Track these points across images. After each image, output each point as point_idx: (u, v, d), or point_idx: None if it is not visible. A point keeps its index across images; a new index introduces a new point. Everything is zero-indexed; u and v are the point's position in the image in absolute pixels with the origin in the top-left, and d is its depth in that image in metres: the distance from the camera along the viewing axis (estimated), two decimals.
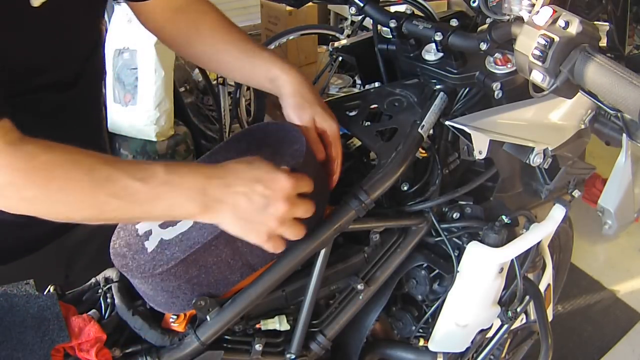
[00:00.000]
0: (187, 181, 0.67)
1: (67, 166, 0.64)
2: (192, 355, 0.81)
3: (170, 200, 0.67)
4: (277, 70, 0.89)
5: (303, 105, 0.87)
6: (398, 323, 1.11)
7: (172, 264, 0.75)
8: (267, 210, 0.70)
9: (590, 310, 2.17)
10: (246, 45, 0.92)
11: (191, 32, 0.93)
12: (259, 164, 0.72)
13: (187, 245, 0.76)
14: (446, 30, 0.88)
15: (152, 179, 0.66)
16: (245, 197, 0.69)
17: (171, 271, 0.75)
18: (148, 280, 0.76)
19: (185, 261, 0.75)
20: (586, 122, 0.97)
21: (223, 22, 0.94)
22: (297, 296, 0.90)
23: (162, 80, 2.07)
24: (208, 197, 0.68)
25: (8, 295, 0.76)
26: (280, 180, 0.70)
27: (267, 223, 0.71)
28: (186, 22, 0.93)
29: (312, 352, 0.93)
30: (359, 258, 0.96)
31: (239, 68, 0.93)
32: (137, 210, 0.67)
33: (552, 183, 0.99)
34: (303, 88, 0.89)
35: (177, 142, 2.18)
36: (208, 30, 0.93)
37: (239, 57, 0.92)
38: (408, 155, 0.88)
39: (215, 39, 0.93)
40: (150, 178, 0.65)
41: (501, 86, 0.87)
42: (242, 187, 0.69)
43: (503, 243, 0.95)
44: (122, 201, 0.65)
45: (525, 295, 1.11)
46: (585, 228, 2.00)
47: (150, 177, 0.66)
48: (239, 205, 0.69)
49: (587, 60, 0.67)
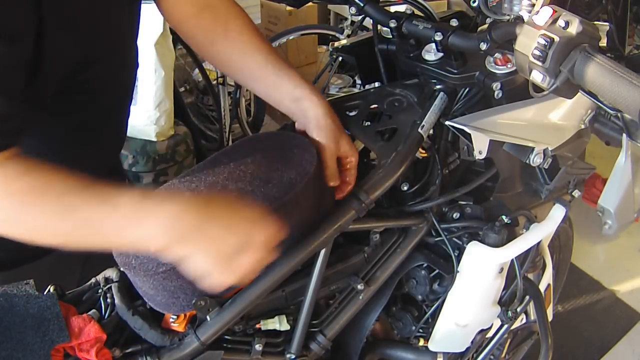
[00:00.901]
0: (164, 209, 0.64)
1: (38, 192, 0.63)
2: (192, 355, 0.81)
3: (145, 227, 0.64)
4: (304, 92, 0.87)
5: (333, 130, 0.86)
6: (398, 323, 1.11)
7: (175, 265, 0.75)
8: (244, 251, 0.68)
9: (590, 310, 2.17)
10: (275, 57, 0.89)
11: (218, 32, 0.90)
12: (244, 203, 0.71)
13: None
14: (446, 30, 0.88)
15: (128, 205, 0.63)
16: (226, 231, 0.66)
17: (174, 270, 0.75)
18: (150, 279, 0.76)
19: None
20: (586, 122, 0.97)
21: (253, 29, 0.91)
22: (297, 296, 0.90)
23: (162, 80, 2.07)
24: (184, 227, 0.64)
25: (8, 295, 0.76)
26: (265, 226, 0.69)
27: (238, 267, 0.68)
28: (213, 20, 0.89)
29: (312, 352, 0.93)
30: (359, 258, 0.96)
31: (263, 79, 0.90)
32: (105, 240, 0.65)
33: (552, 183, 0.99)
34: (331, 114, 0.88)
35: (177, 142, 2.18)
36: (237, 33, 0.89)
37: (266, 67, 0.88)
38: (408, 155, 0.88)
39: (243, 43, 0.89)
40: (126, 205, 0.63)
41: (501, 86, 0.87)
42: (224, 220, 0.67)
43: (503, 243, 0.95)
44: (95, 229, 0.63)
45: (525, 295, 1.11)
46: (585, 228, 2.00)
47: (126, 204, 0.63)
48: (218, 240, 0.66)
49: (587, 60, 0.67)
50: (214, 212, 0.67)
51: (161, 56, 2.04)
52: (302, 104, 0.88)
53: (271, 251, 0.71)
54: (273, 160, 0.84)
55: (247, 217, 0.68)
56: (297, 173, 0.81)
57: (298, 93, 0.88)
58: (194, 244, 0.65)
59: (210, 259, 0.66)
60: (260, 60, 0.89)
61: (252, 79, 0.92)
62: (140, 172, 2.13)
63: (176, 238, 0.64)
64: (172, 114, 2.16)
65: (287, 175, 0.81)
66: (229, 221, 0.67)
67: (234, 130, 2.83)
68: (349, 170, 0.89)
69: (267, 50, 0.89)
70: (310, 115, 0.87)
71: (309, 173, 0.80)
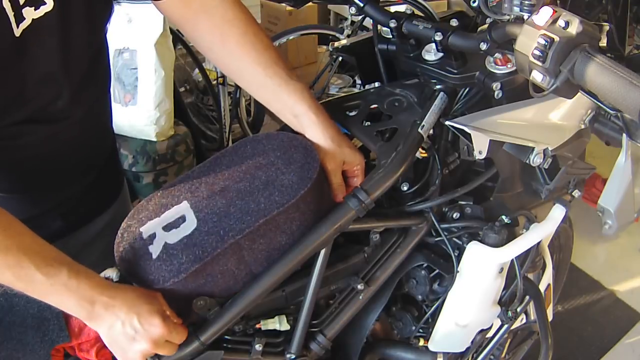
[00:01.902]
0: (81, 289, 0.72)
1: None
2: (192, 355, 0.81)
3: (63, 299, 0.72)
4: (303, 108, 0.87)
5: (333, 151, 0.87)
6: (398, 323, 1.11)
7: (182, 277, 0.75)
8: (133, 343, 0.75)
9: (590, 310, 2.17)
10: (275, 70, 0.87)
11: (215, 40, 0.88)
12: (151, 300, 0.76)
13: (194, 253, 0.77)
14: (446, 30, 0.88)
15: (55, 277, 0.70)
16: (120, 322, 0.73)
17: (180, 282, 0.76)
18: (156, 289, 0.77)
19: (194, 272, 0.76)
20: (586, 122, 0.97)
21: (252, 37, 0.88)
22: (297, 296, 0.90)
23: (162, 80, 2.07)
24: (93, 310, 0.72)
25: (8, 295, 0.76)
26: (154, 325, 0.74)
27: (130, 353, 0.75)
28: (209, 27, 0.88)
29: (312, 352, 0.93)
30: (359, 258, 0.96)
31: (263, 93, 0.90)
32: (34, 294, 0.72)
33: (552, 183, 0.99)
34: (329, 129, 0.88)
35: (177, 142, 2.18)
36: (234, 43, 0.87)
37: (265, 82, 0.88)
38: (408, 155, 0.88)
39: (241, 54, 0.87)
40: (54, 276, 0.70)
41: (501, 86, 0.87)
42: (122, 313, 0.73)
43: (503, 243, 0.95)
44: (24, 285, 0.70)
45: (525, 295, 1.11)
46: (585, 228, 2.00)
47: (54, 276, 0.70)
48: (114, 327, 0.74)
49: (587, 60, 0.67)
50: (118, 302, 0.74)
51: (161, 56, 2.04)
52: (302, 121, 0.88)
53: (163, 347, 0.76)
54: (274, 161, 0.84)
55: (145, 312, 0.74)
56: (299, 177, 0.81)
57: (297, 110, 0.88)
58: (98, 327, 0.74)
59: (111, 339, 0.75)
60: (260, 73, 0.87)
61: (251, 90, 0.93)
62: (140, 172, 2.13)
63: (86, 318, 0.73)
64: (172, 114, 2.16)
65: (289, 179, 0.81)
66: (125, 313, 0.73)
67: (234, 130, 2.83)
68: (358, 177, 0.90)
69: (266, 63, 0.87)
70: (309, 134, 0.88)
71: (312, 178, 0.80)
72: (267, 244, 0.80)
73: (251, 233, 0.77)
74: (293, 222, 0.81)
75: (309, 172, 0.81)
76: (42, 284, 0.69)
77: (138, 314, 0.73)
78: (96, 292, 0.72)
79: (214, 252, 0.76)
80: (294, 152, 0.84)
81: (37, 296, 0.72)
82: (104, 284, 0.74)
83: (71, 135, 0.90)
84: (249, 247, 0.79)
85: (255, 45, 0.88)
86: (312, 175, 0.80)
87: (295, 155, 0.83)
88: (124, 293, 0.74)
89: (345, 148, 0.88)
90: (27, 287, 0.70)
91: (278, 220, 0.79)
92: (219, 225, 0.79)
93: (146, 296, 0.76)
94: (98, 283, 0.73)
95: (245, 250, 0.78)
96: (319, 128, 0.87)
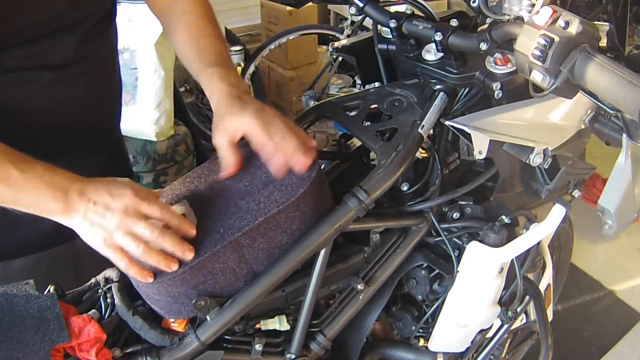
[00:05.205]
0: (56, 180, 0.73)
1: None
2: (192, 355, 0.81)
3: (38, 192, 0.72)
4: (213, 87, 0.84)
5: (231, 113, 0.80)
6: (398, 323, 1.11)
7: (180, 272, 0.75)
8: (105, 220, 0.73)
9: (590, 310, 2.17)
10: (206, 57, 0.89)
11: (172, 27, 0.96)
12: (123, 181, 0.76)
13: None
14: (446, 30, 0.88)
15: (30, 171, 0.72)
16: (92, 203, 0.73)
17: (179, 278, 0.76)
18: (155, 285, 0.77)
19: (193, 268, 0.76)
20: (586, 122, 0.97)
21: (198, 26, 0.93)
22: (297, 296, 0.90)
23: (162, 80, 2.07)
24: (67, 198, 0.73)
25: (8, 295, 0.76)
26: (124, 195, 0.73)
27: (106, 235, 0.74)
28: (172, 15, 0.96)
29: (312, 352, 0.93)
30: (359, 258, 0.96)
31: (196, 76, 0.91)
32: (10, 195, 0.73)
33: (552, 183, 0.99)
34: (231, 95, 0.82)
35: (177, 142, 2.18)
36: (182, 31, 0.94)
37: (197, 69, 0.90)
38: (408, 155, 0.88)
39: (185, 42, 0.94)
40: (29, 170, 0.72)
41: (501, 86, 0.87)
42: (93, 195, 0.73)
43: (503, 243, 0.95)
44: (0, 184, 0.71)
45: (525, 295, 1.11)
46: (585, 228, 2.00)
47: (29, 170, 0.72)
48: (87, 212, 0.73)
49: (587, 60, 0.67)
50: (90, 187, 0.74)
51: (161, 56, 2.05)
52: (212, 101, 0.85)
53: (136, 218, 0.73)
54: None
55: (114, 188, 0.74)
56: (299, 176, 0.81)
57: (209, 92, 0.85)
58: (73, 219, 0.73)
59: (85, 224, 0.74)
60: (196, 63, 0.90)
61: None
62: (140, 172, 2.13)
63: (62, 210, 0.73)
64: (172, 114, 2.16)
65: (289, 178, 0.81)
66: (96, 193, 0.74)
67: None
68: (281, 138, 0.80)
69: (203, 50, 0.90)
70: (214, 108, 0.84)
71: (311, 177, 0.80)
72: (268, 243, 0.80)
73: (251, 231, 0.78)
74: (293, 221, 0.81)
75: (309, 172, 0.81)
76: (17, 180, 0.71)
77: (108, 189, 0.74)
78: (70, 181, 0.73)
79: (213, 249, 0.76)
80: None
81: (14, 196, 0.73)
82: (79, 177, 0.75)
83: (76, 90, 0.91)
84: (250, 245, 0.79)
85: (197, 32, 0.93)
86: (312, 175, 0.81)
87: None
88: (98, 181, 0.75)
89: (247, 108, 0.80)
90: (3, 185, 0.71)
91: (278, 219, 0.79)
92: (219, 223, 0.79)
93: (122, 180, 0.76)
94: (72, 175, 0.74)
95: (245, 249, 0.78)
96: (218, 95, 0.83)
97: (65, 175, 0.74)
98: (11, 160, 0.71)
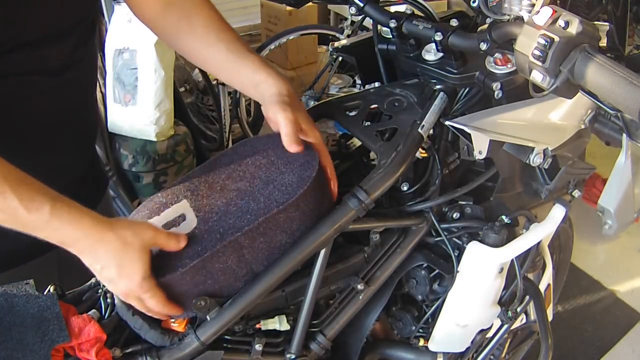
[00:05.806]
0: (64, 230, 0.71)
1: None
2: (192, 355, 0.81)
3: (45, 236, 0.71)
4: (262, 76, 0.88)
5: (288, 105, 0.84)
6: (398, 323, 1.11)
7: (180, 271, 0.75)
8: (109, 284, 0.75)
9: (590, 310, 2.17)
10: (237, 45, 0.91)
11: (182, 25, 0.93)
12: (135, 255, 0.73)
13: (193, 249, 0.77)
14: (446, 30, 0.88)
15: (37, 213, 0.69)
16: (100, 267, 0.73)
17: (178, 277, 0.76)
18: None
19: (193, 268, 0.76)
20: (586, 122, 0.97)
21: (216, 19, 0.93)
22: (297, 296, 0.90)
23: (162, 80, 2.07)
24: (75, 248, 0.72)
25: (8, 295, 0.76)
26: (134, 276, 0.73)
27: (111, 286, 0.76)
28: (178, 14, 0.93)
29: (312, 352, 0.93)
30: (359, 258, 0.96)
31: (226, 68, 0.92)
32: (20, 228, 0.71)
33: (552, 183, 0.99)
34: (288, 93, 0.87)
35: (177, 142, 2.18)
36: (201, 25, 0.92)
37: (228, 56, 0.90)
38: (408, 155, 0.88)
39: (206, 34, 0.92)
40: (36, 212, 0.69)
41: (501, 86, 0.87)
42: (103, 259, 0.73)
43: (503, 243, 0.95)
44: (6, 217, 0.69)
45: (525, 295, 1.11)
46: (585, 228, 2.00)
47: (36, 211, 0.69)
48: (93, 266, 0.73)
49: (587, 60, 0.67)
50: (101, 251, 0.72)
51: (161, 56, 2.04)
52: (261, 88, 0.88)
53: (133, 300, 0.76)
54: (274, 161, 0.85)
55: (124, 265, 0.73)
56: (299, 176, 0.81)
57: (256, 79, 0.88)
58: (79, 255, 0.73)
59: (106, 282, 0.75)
60: (224, 50, 0.90)
61: (218, 70, 0.94)
62: (140, 172, 2.13)
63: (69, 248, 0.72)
64: (172, 114, 2.16)
65: (289, 178, 0.81)
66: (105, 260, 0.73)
67: (234, 131, 2.83)
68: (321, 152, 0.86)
69: (229, 39, 0.91)
70: (266, 95, 0.87)
71: (311, 177, 0.80)
72: (268, 243, 0.80)
73: (251, 231, 0.78)
74: (293, 221, 0.81)
75: (309, 172, 0.81)
76: (24, 218, 0.69)
77: (118, 261, 0.72)
78: (80, 236, 0.71)
79: (213, 249, 0.76)
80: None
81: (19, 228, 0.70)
82: (88, 226, 0.72)
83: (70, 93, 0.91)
84: (249, 245, 0.79)
85: (218, 25, 0.92)
86: (312, 175, 0.81)
87: (294, 155, 0.84)
88: (107, 245, 0.73)
89: (301, 112, 0.86)
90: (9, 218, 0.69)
91: (278, 219, 0.79)
92: (219, 223, 0.79)
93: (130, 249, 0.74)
94: (81, 226, 0.71)
95: (245, 249, 0.78)
96: (275, 88, 0.86)
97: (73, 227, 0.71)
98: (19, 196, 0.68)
